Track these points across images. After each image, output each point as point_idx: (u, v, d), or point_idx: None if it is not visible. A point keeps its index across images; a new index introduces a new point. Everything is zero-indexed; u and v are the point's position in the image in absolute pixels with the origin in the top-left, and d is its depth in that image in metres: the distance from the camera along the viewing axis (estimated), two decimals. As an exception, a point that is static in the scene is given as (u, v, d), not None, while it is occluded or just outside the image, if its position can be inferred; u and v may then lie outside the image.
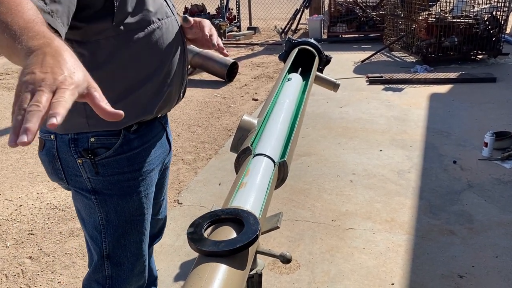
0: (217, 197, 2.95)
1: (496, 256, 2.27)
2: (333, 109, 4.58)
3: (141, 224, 1.32)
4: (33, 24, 0.72)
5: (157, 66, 1.20)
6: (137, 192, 1.27)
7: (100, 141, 1.19)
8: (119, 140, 1.20)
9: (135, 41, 1.13)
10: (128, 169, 1.24)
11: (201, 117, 4.59)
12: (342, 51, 7.34)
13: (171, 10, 1.24)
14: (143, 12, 1.13)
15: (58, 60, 0.63)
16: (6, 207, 2.91)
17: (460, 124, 4.03)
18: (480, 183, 2.99)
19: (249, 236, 0.84)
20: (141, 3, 1.13)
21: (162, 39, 1.19)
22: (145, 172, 1.28)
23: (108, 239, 1.28)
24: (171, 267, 2.29)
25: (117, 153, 1.21)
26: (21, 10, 0.75)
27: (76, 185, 1.25)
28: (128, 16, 1.10)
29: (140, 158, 1.26)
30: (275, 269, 2.23)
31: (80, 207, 1.29)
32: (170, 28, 1.21)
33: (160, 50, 1.19)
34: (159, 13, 1.18)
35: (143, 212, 1.32)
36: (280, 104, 1.57)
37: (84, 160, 1.19)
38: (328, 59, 2.19)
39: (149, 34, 1.15)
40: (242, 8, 10.18)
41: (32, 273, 2.28)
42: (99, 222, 1.26)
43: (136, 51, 1.14)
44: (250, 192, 1.05)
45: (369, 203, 2.80)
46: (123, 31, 1.10)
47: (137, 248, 1.33)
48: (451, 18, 6.08)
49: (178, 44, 1.26)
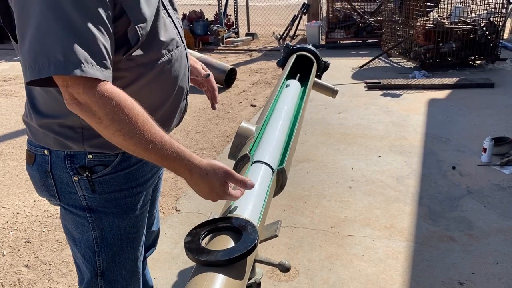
0: (215, 204, 2.93)
1: (497, 263, 2.25)
2: (331, 115, 4.58)
3: (136, 242, 1.29)
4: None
5: (165, 98, 1.18)
6: (134, 209, 1.24)
7: (98, 158, 1.15)
8: (117, 157, 1.17)
9: (145, 75, 1.11)
10: (126, 186, 1.21)
11: (199, 123, 4.58)
12: (340, 57, 7.35)
13: (180, 37, 1.22)
14: (155, 44, 1.11)
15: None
16: (2, 215, 2.89)
17: (459, 130, 4.03)
18: (480, 189, 2.98)
19: (247, 246, 0.83)
20: (155, 35, 1.10)
21: (171, 71, 1.17)
22: (142, 188, 1.26)
23: (102, 257, 1.24)
24: (168, 275, 2.27)
25: (115, 171, 1.18)
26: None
27: (69, 203, 1.20)
28: (138, 49, 1.07)
29: (137, 175, 1.23)
30: (274, 277, 2.21)
31: (70, 226, 1.24)
32: (179, 58, 1.20)
33: (168, 82, 1.17)
34: (170, 44, 1.15)
35: (139, 229, 1.29)
36: (278, 110, 1.56)
37: (81, 177, 1.15)
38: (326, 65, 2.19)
39: (159, 67, 1.13)
40: (240, 14, 10.20)
41: (28, 281, 2.26)
42: (93, 240, 1.22)
43: (145, 83, 1.12)
44: (248, 200, 1.04)
45: (368, 209, 2.79)
46: (132, 64, 1.08)
47: (131, 265, 1.30)
48: (448, 24, 6.11)
49: (185, 71, 1.25)
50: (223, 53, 8.53)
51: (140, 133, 0.96)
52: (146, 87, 1.12)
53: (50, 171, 1.16)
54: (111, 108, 0.93)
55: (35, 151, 1.18)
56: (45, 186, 1.20)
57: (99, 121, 0.94)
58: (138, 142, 0.96)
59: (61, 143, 1.13)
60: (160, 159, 0.99)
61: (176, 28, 1.19)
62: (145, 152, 0.97)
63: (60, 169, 1.15)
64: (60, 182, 1.17)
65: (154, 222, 1.54)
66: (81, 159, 1.14)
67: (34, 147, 1.19)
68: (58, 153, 1.15)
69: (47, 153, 1.16)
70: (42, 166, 1.17)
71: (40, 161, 1.18)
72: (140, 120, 0.96)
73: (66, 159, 1.14)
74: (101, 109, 0.92)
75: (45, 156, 1.16)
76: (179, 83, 1.22)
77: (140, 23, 1.03)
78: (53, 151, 1.15)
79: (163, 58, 1.13)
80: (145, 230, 1.46)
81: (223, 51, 8.70)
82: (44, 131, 1.14)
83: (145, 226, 1.33)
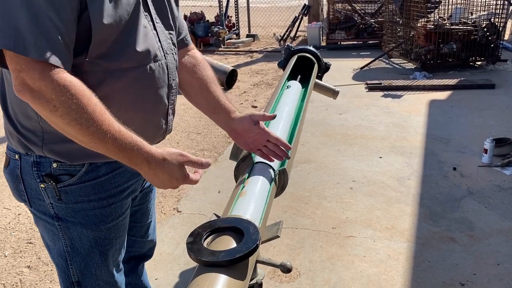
0: (216, 205, 2.94)
1: (498, 264, 2.26)
2: (332, 116, 4.58)
3: (111, 253, 1.23)
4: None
5: (133, 112, 1.10)
6: (104, 222, 1.18)
7: (63, 167, 1.10)
8: (83, 168, 1.12)
9: (112, 82, 1.04)
10: (94, 197, 1.15)
11: (200, 124, 4.58)
12: (341, 58, 7.35)
13: (163, 53, 1.15)
14: (128, 53, 1.05)
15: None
16: (4, 216, 2.90)
17: (460, 131, 4.03)
18: (480, 189, 2.98)
19: (249, 246, 0.83)
20: (129, 43, 1.04)
21: (143, 85, 1.10)
22: (114, 199, 1.19)
23: (75, 267, 1.20)
24: (170, 276, 2.28)
25: (81, 181, 1.12)
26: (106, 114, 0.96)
27: (39, 209, 1.17)
28: (106, 54, 1.01)
29: (108, 185, 1.17)
30: (275, 278, 2.21)
31: (43, 232, 1.21)
32: (156, 74, 1.12)
33: (138, 95, 1.10)
34: (146, 57, 1.08)
35: (112, 241, 1.22)
36: (279, 111, 1.56)
37: (47, 185, 1.11)
38: (327, 66, 2.20)
39: (129, 78, 1.06)
40: (241, 15, 10.22)
41: (30, 282, 2.27)
42: (64, 249, 1.18)
43: (110, 93, 1.04)
44: (250, 200, 1.04)
45: (369, 210, 2.79)
46: (98, 68, 1.02)
47: (110, 276, 1.25)
48: (449, 25, 6.11)
49: (163, 89, 1.16)
50: (224, 54, 8.54)
51: (97, 123, 0.93)
52: (110, 96, 1.04)
53: (21, 176, 1.14)
54: (69, 96, 0.90)
55: (10, 155, 1.16)
56: (17, 191, 1.17)
57: (53, 109, 0.90)
58: (95, 132, 0.93)
59: (23, 144, 1.10)
60: (117, 150, 0.97)
61: (159, 43, 1.13)
62: (101, 142, 0.95)
63: (29, 175, 1.13)
64: (30, 188, 1.14)
65: (149, 232, 1.49)
66: (46, 167, 1.10)
67: (9, 151, 1.17)
68: (26, 158, 1.12)
69: (17, 157, 1.13)
70: (14, 171, 1.15)
71: (12, 165, 1.15)
72: (98, 110, 0.94)
73: (33, 165, 1.11)
74: (58, 97, 0.89)
75: (16, 161, 1.14)
76: (154, 100, 1.14)
77: (99, 23, 0.97)
78: (23, 156, 1.12)
79: (136, 70, 1.07)
80: (137, 239, 1.44)
81: (224, 52, 8.72)
82: (13, 131, 1.12)
83: (123, 237, 1.27)
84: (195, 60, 1.34)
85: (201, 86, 1.31)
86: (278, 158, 1.24)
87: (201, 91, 1.32)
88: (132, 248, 1.45)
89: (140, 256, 1.52)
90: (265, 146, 1.24)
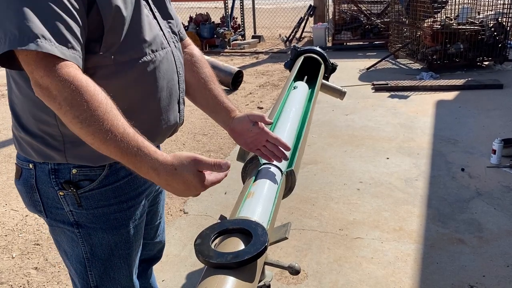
0: (223, 206, 2.93)
1: (507, 266, 2.23)
2: (339, 116, 4.56)
3: (130, 257, 1.23)
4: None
5: (147, 101, 1.10)
6: (125, 225, 1.17)
7: (83, 173, 1.09)
8: (104, 171, 1.10)
9: (125, 74, 1.03)
10: (114, 201, 1.14)
11: (206, 125, 4.58)
12: (347, 58, 7.33)
13: (167, 41, 1.15)
14: (137, 42, 1.04)
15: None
16: (12, 217, 2.91)
17: (468, 131, 4.00)
18: (489, 191, 2.96)
19: (257, 248, 0.82)
20: (137, 32, 1.04)
21: (155, 73, 1.09)
22: (133, 202, 1.18)
23: (94, 272, 1.18)
24: (177, 278, 2.27)
25: (102, 185, 1.11)
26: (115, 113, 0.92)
27: (56, 218, 1.14)
28: (118, 46, 1.01)
29: (127, 188, 1.16)
30: (282, 280, 2.20)
31: (61, 239, 1.19)
32: (164, 61, 1.12)
33: (151, 84, 1.09)
34: (154, 44, 1.08)
35: (132, 245, 1.22)
36: (286, 112, 1.56)
37: (66, 192, 1.09)
38: (334, 67, 2.19)
39: (141, 67, 1.06)
40: (246, 16, 10.23)
41: (37, 284, 2.27)
42: (83, 256, 1.16)
43: (126, 84, 1.04)
44: (257, 202, 1.03)
45: (377, 211, 2.77)
46: (111, 61, 1.01)
47: (127, 280, 1.24)
48: (456, 25, 6.07)
49: (172, 76, 1.16)
50: (229, 55, 8.55)
51: (99, 121, 0.88)
52: (125, 87, 1.04)
53: (36, 185, 1.11)
54: (70, 92, 0.86)
55: (22, 164, 1.14)
56: (31, 201, 1.14)
57: (59, 107, 0.88)
58: (95, 131, 0.88)
59: (43, 153, 1.08)
60: (120, 154, 0.90)
61: (162, 31, 1.14)
62: (103, 144, 0.89)
63: (46, 183, 1.10)
64: (46, 197, 1.12)
65: (158, 233, 1.49)
66: (65, 173, 1.08)
67: (21, 161, 1.14)
68: (42, 167, 1.09)
69: (32, 167, 1.10)
70: (28, 181, 1.12)
71: (26, 175, 1.12)
72: (102, 109, 0.88)
73: (50, 173, 1.09)
74: (60, 93, 0.87)
75: (30, 170, 1.11)
76: (166, 87, 1.14)
77: (108, 9, 0.96)
78: (38, 165, 1.10)
79: (145, 58, 1.06)
80: (147, 242, 1.42)
81: (230, 53, 8.72)
82: (28, 139, 1.09)
83: (140, 240, 1.27)
84: (193, 58, 1.32)
85: (199, 85, 1.30)
86: (277, 159, 1.21)
87: (200, 89, 1.30)
88: (143, 251, 1.43)
89: (150, 258, 1.51)
90: (264, 146, 1.21)
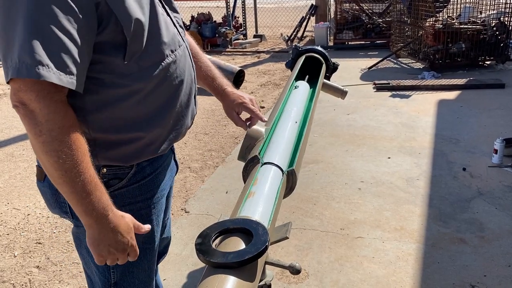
0: (224, 206, 2.94)
1: (509, 265, 2.23)
2: (340, 116, 4.56)
3: (151, 252, 1.26)
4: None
5: (172, 100, 1.14)
6: (149, 221, 1.20)
7: (112, 171, 1.11)
8: (132, 170, 1.13)
9: (150, 79, 1.06)
10: (141, 198, 1.18)
11: (207, 125, 4.59)
12: (349, 58, 7.33)
13: (181, 37, 1.18)
14: (157, 46, 1.06)
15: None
16: (14, 216, 2.92)
17: (469, 131, 4.00)
18: (491, 190, 2.95)
19: (258, 247, 0.82)
20: (156, 35, 1.06)
21: (176, 72, 1.13)
22: (156, 198, 1.22)
23: (117, 270, 1.21)
24: (178, 277, 2.28)
25: (130, 183, 1.14)
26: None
27: None
28: (141, 52, 1.02)
29: (151, 185, 1.20)
30: (283, 279, 2.20)
31: (85, 241, 1.19)
32: (182, 59, 1.15)
33: (174, 83, 1.13)
34: (172, 44, 1.11)
35: (154, 240, 1.26)
36: (287, 111, 1.56)
37: None
38: (335, 66, 2.19)
39: (164, 70, 1.09)
40: (248, 16, 10.22)
41: (39, 282, 2.28)
42: None
43: (152, 87, 1.07)
44: (258, 201, 1.04)
45: (378, 211, 2.77)
46: (136, 69, 1.03)
47: (145, 275, 1.28)
48: (458, 24, 6.06)
49: (190, 71, 1.20)
50: (231, 55, 8.55)
51: (75, 161, 0.91)
52: (152, 91, 1.07)
53: None
54: (57, 128, 0.88)
55: None
56: (57, 203, 1.15)
57: (39, 133, 0.88)
58: (68, 169, 0.91)
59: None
60: (81, 195, 0.94)
61: (176, 28, 1.16)
62: (71, 182, 0.92)
63: None
64: None
65: (166, 229, 1.51)
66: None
67: None
68: None
69: None
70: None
71: None
72: (82, 150, 0.93)
73: None
74: (46, 123, 0.88)
75: None
76: (185, 83, 1.18)
77: (128, 21, 0.96)
78: None
79: (167, 60, 1.09)
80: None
81: (231, 53, 8.72)
82: None
83: (159, 235, 1.30)
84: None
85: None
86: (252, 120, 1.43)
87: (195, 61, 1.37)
88: None
89: (158, 254, 1.53)
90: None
